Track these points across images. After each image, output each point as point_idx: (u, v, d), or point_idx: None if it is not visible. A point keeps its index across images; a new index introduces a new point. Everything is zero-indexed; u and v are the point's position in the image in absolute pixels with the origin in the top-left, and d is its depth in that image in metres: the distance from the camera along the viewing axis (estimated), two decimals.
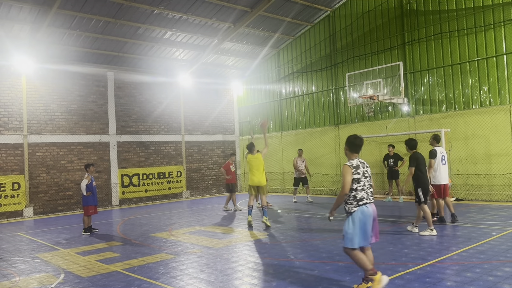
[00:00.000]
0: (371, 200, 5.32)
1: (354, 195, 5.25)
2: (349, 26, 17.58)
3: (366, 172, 5.37)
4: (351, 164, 5.31)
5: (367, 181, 5.33)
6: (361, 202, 5.22)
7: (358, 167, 5.30)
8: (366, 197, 5.26)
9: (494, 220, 9.99)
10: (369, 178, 5.40)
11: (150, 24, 16.00)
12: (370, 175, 5.43)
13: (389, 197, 14.83)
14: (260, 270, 6.70)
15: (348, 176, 5.22)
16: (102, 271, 7.07)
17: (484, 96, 13.72)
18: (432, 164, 9.71)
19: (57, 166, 16.20)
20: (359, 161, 5.39)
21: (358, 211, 5.20)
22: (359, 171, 5.28)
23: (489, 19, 13.52)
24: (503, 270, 5.93)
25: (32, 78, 15.78)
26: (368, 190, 5.31)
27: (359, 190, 5.25)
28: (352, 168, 5.26)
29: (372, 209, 5.29)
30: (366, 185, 5.31)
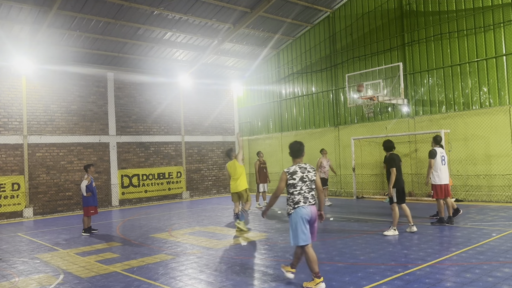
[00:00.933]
0: (311, 203, 5.69)
1: (292, 198, 5.70)
2: (349, 27, 17.59)
3: (306, 177, 5.71)
4: (288, 170, 5.74)
5: (305, 185, 5.69)
6: (297, 205, 5.65)
7: (295, 173, 5.70)
8: (303, 200, 5.65)
9: (493, 221, 9.98)
10: (310, 182, 5.72)
11: (150, 24, 16.01)
12: (312, 179, 5.75)
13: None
14: (260, 271, 6.69)
15: (282, 182, 5.74)
16: (101, 272, 7.07)
17: (483, 97, 13.73)
18: (432, 164, 9.71)
19: (57, 167, 16.20)
20: (299, 167, 5.75)
21: (294, 212, 5.66)
22: (295, 177, 5.69)
23: (489, 20, 13.53)
24: (502, 271, 5.92)
25: (32, 78, 15.79)
26: (306, 193, 5.68)
27: (296, 194, 5.67)
28: (288, 175, 5.71)
29: (310, 211, 5.66)
30: (304, 189, 5.68)
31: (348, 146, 17.19)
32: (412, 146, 15.41)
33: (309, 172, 5.75)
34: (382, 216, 11.58)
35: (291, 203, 5.72)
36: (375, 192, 16.42)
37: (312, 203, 5.71)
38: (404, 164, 15.32)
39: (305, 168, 5.76)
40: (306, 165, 5.81)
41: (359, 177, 16.92)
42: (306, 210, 5.64)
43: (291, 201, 5.72)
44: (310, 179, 5.73)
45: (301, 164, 5.81)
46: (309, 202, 5.68)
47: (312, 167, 5.86)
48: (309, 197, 5.69)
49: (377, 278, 5.87)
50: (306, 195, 5.68)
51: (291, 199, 5.72)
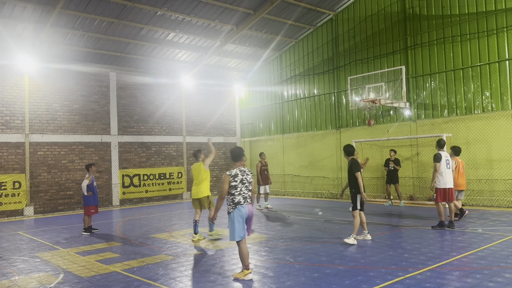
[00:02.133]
0: (248, 202, 6.39)
1: (232, 198, 6.28)
2: (351, 29, 17.59)
3: (245, 180, 6.38)
4: (230, 173, 6.30)
5: (245, 187, 6.35)
6: (238, 204, 6.27)
7: (237, 175, 6.32)
8: (243, 200, 6.30)
9: (495, 225, 9.96)
10: (248, 184, 6.42)
11: (153, 25, 16.03)
12: (250, 181, 6.46)
13: (389, 201, 14.80)
14: (260, 273, 6.68)
15: (226, 184, 6.26)
16: (101, 272, 7.07)
17: (486, 101, 13.71)
18: (438, 168, 9.64)
19: (58, 166, 16.22)
20: (239, 170, 6.39)
21: (235, 211, 6.26)
22: (237, 179, 6.30)
23: (492, 25, 13.52)
24: (503, 276, 5.91)
25: (35, 77, 15.82)
26: (245, 194, 6.35)
27: (236, 194, 6.27)
28: (230, 177, 6.27)
29: (248, 209, 6.35)
30: (244, 190, 6.34)
31: None
32: (413, 149, 15.39)
33: (247, 175, 6.46)
34: (383, 219, 11.56)
35: (231, 203, 6.30)
36: (376, 195, 16.39)
37: (249, 202, 6.40)
38: (405, 167, 15.37)
39: (244, 171, 6.45)
40: (245, 169, 6.51)
41: None
42: (245, 209, 6.30)
43: (231, 201, 6.30)
44: (249, 181, 6.45)
45: (241, 168, 6.46)
46: (247, 201, 6.35)
47: (250, 171, 6.62)
48: (247, 197, 6.37)
49: (378, 282, 5.86)
50: (245, 195, 6.34)
51: (231, 199, 6.30)
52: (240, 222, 6.25)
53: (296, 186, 19.70)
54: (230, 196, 6.32)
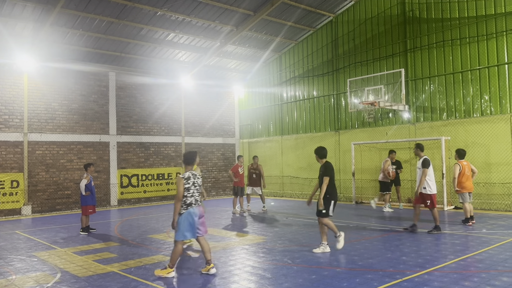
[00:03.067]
0: (199, 204, 6.76)
1: (184, 200, 6.57)
2: (351, 32, 17.62)
3: (196, 183, 6.72)
4: (184, 176, 6.60)
5: (196, 189, 6.69)
6: (190, 206, 6.58)
7: (189, 178, 6.63)
8: (194, 202, 6.65)
9: (493, 229, 9.97)
10: (199, 187, 6.77)
11: (153, 25, 16.03)
12: (200, 184, 6.80)
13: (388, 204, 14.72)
14: (258, 274, 6.68)
15: (181, 186, 6.50)
16: (98, 271, 7.05)
17: (485, 105, 13.73)
18: (426, 173, 9.61)
19: (57, 165, 16.19)
20: (191, 173, 6.71)
21: (186, 212, 6.55)
22: (189, 182, 6.61)
23: (492, 28, 13.55)
24: (501, 280, 5.91)
25: (34, 76, 15.80)
26: (196, 196, 6.70)
27: (189, 196, 6.59)
28: (184, 180, 6.55)
29: (199, 210, 6.70)
30: (195, 193, 6.68)
31: (348, 151, 17.19)
32: (412, 152, 15.38)
33: (198, 178, 6.80)
34: (381, 222, 11.56)
35: (183, 204, 6.56)
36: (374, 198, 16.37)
37: (199, 204, 6.77)
38: (404, 170, 15.35)
39: (195, 174, 6.78)
40: (196, 172, 6.83)
41: (359, 182, 16.91)
42: (196, 210, 6.65)
43: (183, 203, 6.56)
44: (199, 184, 6.79)
45: (192, 171, 6.79)
46: (198, 203, 6.71)
47: (200, 174, 6.99)
48: (198, 199, 6.75)
49: (375, 284, 5.86)
50: (196, 197, 6.70)
51: (183, 201, 6.56)
52: (189, 223, 6.54)
53: (294, 187, 19.70)
54: (182, 198, 6.58)
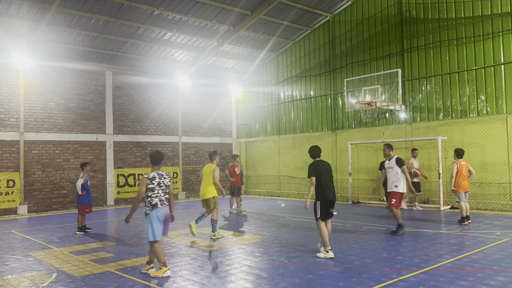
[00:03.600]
0: (165, 204, 6.65)
1: (150, 200, 6.52)
2: (348, 32, 17.64)
3: (162, 183, 6.62)
4: (148, 176, 6.55)
5: (161, 190, 6.60)
6: (155, 206, 6.52)
7: (154, 178, 6.56)
8: (159, 202, 6.56)
9: (488, 229, 10.01)
10: (165, 187, 6.65)
11: (150, 24, 16.00)
12: (167, 185, 6.69)
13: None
14: (254, 274, 6.68)
15: (143, 186, 6.48)
16: (95, 271, 7.03)
17: (481, 105, 13.78)
18: (407, 170, 9.70)
19: (53, 164, 16.14)
20: (157, 173, 6.63)
21: (152, 212, 6.51)
22: (154, 182, 6.54)
23: (488, 29, 13.60)
24: (496, 279, 5.93)
25: (30, 75, 15.74)
26: (162, 197, 6.60)
27: (154, 197, 6.52)
28: (148, 180, 6.51)
29: (165, 211, 6.62)
30: (160, 193, 6.59)
31: (345, 150, 17.21)
32: (409, 152, 15.42)
33: (165, 178, 6.69)
34: (378, 222, 11.58)
35: (149, 204, 6.53)
36: (371, 197, 16.43)
37: (166, 204, 6.65)
38: None
39: (161, 174, 6.68)
40: (163, 172, 6.73)
41: (355, 182, 16.93)
42: (162, 211, 6.57)
43: (149, 203, 6.53)
44: (166, 184, 6.66)
45: (159, 171, 6.70)
46: (164, 204, 6.61)
47: (168, 174, 6.86)
48: (164, 200, 6.63)
49: (371, 284, 5.87)
50: (162, 198, 6.60)
51: (149, 201, 6.52)
52: (157, 223, 6.51)
53: (291, 187, 19.70)
54: (147, 198, 6.53)
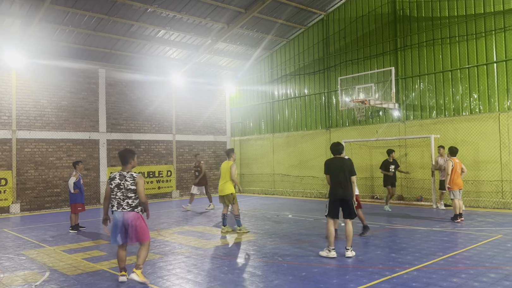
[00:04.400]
0: (125, 209, 6.04)
1: (111, 202, 6.16)
2: (342, 30, 17.66)
3: (122, 185, 6.05)
4: (111, 176, 6.18)
5: (121, 193, 6.05)
6: (112, 208, 6.13)
7: (114, 179, 6.11)
8: (116, 205, 6.07)
9: (481, 226, 10.09)
10: (126, 191, 6.04)
11: (143, 22, 15.92)
12: (128, 188, 6.04)
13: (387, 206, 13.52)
14: (248, 271, 6.68)
15: (106, 186, 6.19)
16: (88, 270, 7.00)
17: (474, 103, 13.87)
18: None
19: (46, 163, 16.04)
20: (119, 174, 6.13)
21: (112, 215, 6.18)
22: (113, 183, 6.08)
23: (481, 27, 13.68)
24: (488, 276, 5.98)
25: (23, 73, 15.61)
26: (121, 200, 6.05)
27: (112, 199, 6.13)
28: (109, 180, 6.16)
29: (122, 217, 6.04)
30: (119, 196, 6.05)
31: None
32: (402, 150, 15.51)
33: (126, 181, 6.07)
34: (371, 219, 11.63)
35: (111, 206, 6.18)
36: (365, 195, 16.48)
37: (126, 209, 6.04)
38: None
39: (124, 176, 6.10)
40: (127, 174, 6.12)
41: None
42: (117, 215, 6.05)
43: (110, 204, 6.18)
44: (126, 187, 6.04)
45: (123, 172, 6.16)
46: (122, 208, 6.05)
47: (133, 177, 6.08)
48: (123, 204, 6.05)
49: (365, 281, 5.90)
50: (120, 201, 6.05)
51: (110, 203, 6.18)
52: (114, 227, 6.10)
53: (285, 185, 19.73)
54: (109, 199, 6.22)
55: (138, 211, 6.13)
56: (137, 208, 6.10)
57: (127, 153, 6.25)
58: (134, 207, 6.07)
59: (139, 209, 6.14)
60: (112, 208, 6.14)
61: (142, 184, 6.07)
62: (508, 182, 12.93)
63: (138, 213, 6.13)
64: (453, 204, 10.84)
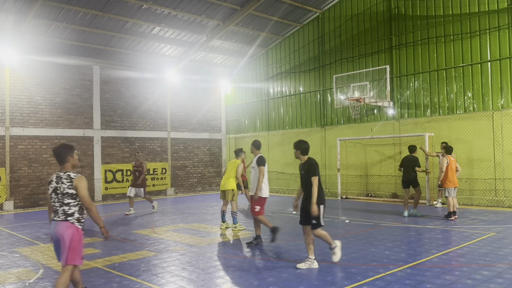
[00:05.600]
0: (60, 218, 4.76)
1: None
2: (337, 28, 17.68)
3: (59, 189, 4.79)
4: (50, 178, 4.97)
5: (57, 198, 4.79)
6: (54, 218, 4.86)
7: (51, 182, 4.88)
8: (54, 214, 4.86)
9: (474, 224, 10.15)
10: (62, 196, 4.77)
11: (138, 18, 15.85)
12: (65, 193, 4.77)
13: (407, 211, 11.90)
14: (243, 269, 6.68)
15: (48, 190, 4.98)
16: (82, 267, 6.97)
17: (468, 102, 13.94)
18: (264, 172, 8.33)
19: (39, 160, 15.94)
20: (56, 176, 4.88)
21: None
22: (50, 187, 4.87)
23: (475, 26, 13.74)
24: (481, 274, 6.02)
25: (16, 69, 15.49)
26: (57, 207, 4.80)
27: (52, 205, 4.89)
28: (48, 183, 4.94)
29: (55, 228, 4.77)
30: (55, 202, 4.81)
31: (334, 146, 17.29)
32: (396, 148, 15.56)
33: (63, 183, 4.79)
34: (366, 217, 11.67)
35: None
36: (360, 193, 16.55)
37: (60, 219, 4.75)
38: (388, 166, 15.54)
39: (61, 177, 4.82)
40: (64, 174, 4.83)
41: (344, 178, 17.03)
42: (52, 227, 4.81)
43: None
44: (63, 192, 4.77)
45: (60, 173, 4.89)
46: (58, 217, 4.78)
47: (70, 178, 4.79)
48: (59, 212, 4.78)
49: (359, 278, 5.92)
50: (56, 208, 4.81)
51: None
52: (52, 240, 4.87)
53: (281, 183, 19.75)
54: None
55: (73, 220, 4.77)
56: (71, 217, 4.77)
57: (63, 149, 4.92)
58: (69, 216, 4.77)
59: (75, 219, 4.78)
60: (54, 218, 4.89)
61: (83, 187, 4.77)
62: (501, 180, 13.02)
63: (73, 223, 4.76)
64: (447, 201, 10.90)
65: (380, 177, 15.97)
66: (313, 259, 6.63)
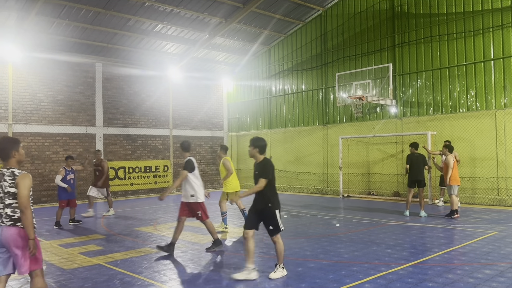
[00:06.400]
0: (3, 223, 4.20)
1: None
2: (340, 26, 17.64)
3: (1, 188, 4.25)
4: None
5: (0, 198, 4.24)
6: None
7: None
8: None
9: (476, 223, 10.14)
10: (4, 195, 4.23)
11: (140, 16, 15.84)
12: (6, 191, 4.23)
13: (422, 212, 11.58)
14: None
15: None
16: (84, 264, 7.00)
17: (470, 100, 13.90)
18: (184, 176, 8.11)
19: (42, 157, 15.98)
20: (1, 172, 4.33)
21: None
22: None
23: (479, 25, 13.68)
24: (483, 273, 6.02)
25: (19, 66, 15.51)
26: (1, 209, 4.23)
27: None
28: None
29: (1, 233, 4.17)
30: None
31: (336, 145, 17.27)
32: (399, 147, 15.54)
33: (5, 180, 4.25)
34: (368, 216, 11.66)
35: None
36: (361, 192, 16.54)
37: (5, 223, 4.19)
38: (390, 164, 15.51)
39: (3, 174, 4.29)
40: (7, 171, 4.32)
41: (346, 176, 17.02)
42: (1, 231, 4.19)
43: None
44: (4, 190, 4.23)
45: (2, 170, 4.36)
46: (1, 221, 4.21)
47: (13, 175, 4.29)
48: (2, 215, 4.21)
49: (361, 277, 5.92)
50: (1, 211, 4.23)
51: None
52: None
53: (282, 181, 19.74)
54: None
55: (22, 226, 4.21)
56: (20, 222, 4.22)
57: (7, 143, 4.42)
58: (17, 220, 4.22)
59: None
60: None
61: (25, 186, 4.22)
62: (504, 179, 12.99)
63: (22, 228, 4.21)
64: (451, 199, 10.87)
65: (382, 176, 15.95)
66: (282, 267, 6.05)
